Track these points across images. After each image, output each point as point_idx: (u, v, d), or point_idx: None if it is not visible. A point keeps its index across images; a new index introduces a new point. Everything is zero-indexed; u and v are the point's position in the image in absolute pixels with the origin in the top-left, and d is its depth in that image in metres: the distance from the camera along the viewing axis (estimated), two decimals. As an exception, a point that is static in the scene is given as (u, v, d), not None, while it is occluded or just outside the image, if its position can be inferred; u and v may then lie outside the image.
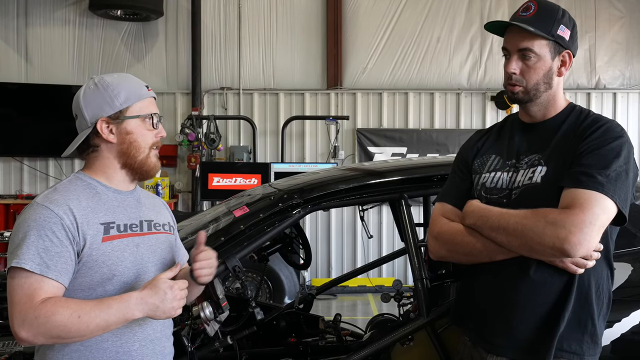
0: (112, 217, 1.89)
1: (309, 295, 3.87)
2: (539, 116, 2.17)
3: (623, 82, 9.51)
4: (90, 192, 1.90)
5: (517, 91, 2.12)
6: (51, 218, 1.77)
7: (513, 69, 2.10)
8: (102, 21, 9.37)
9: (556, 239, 1.89)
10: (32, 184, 9.35)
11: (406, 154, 9.22)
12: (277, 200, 2.79)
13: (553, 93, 2.14)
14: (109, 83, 1.93)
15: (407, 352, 2.62)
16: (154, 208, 2.08)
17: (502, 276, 2.08)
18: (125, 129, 1.92)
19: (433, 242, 2.24)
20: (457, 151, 2.42)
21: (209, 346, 2.53)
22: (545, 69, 2.10)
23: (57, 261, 1.75)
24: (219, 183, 8.49)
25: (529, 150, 2.14)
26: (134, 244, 1.91)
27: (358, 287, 8.91)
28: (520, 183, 2.09)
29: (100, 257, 1.82)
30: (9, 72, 9.34)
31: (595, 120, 2.08)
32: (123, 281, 1.86)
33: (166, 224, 2.08)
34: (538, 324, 2.02)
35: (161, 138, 2.01)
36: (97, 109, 1.91)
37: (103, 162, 1.95)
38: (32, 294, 1.71)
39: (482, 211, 2.09)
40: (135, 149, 1.93)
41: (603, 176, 1.93)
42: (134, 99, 1.93)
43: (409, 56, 9.44)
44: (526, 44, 2.08)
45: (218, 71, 9.49)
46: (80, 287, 1.82)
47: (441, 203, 2.29)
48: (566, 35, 2.10)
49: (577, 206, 1.90)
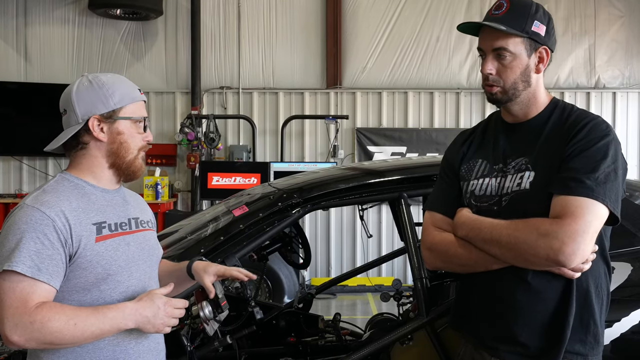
0: (103, 216, 1.89)
1: (309, 294, 3.86)
2: (521, 115, 2.13)
3: (623, 82, 9.50)
4: (79, 192, 1.89)
5: (494, 92, 2.08)
6: (43, 220, 1.76)
7: (489, 70, 2.06)
8: (102, 20, 9.36)
9: (550, 251, 1.87)
10: (31, 183, 9.34)
11: (406, 153, 9.22)
12: (277, 199, 2.79)
13: (533, 91, 2.10)
14: (104, 82, 1.92)
15: (406, 351, 2.61)
16: (138, 206, 2.10)
17: (500, 283, 2.05)
18: (116, 129, 1.92)
19: (427, 253, 2.22)
20: (443, 155, 2.38)
21: (209, 345, 2.53)
22: (522, 67, 2.06)
23: (48, 264, 1.73)
24: (219, 182, 8.48)
25: (514, 153, 2.10)
26: (125, 242, 1.92)
27: (357, 286, 8.91)
28: (510, 189, 2.05)
29: (95, 257, 1.82)
30: (8, 71, 9.34)
31: (579, 118, 2.04)
32: (117, 280, 1.87)
33: (149, 220, 2.11)
34: (542, 330, 2.00)
35: (147, 143, 2.01)
36: (90, 106, 1.89)
37: (90, 161, 1.94)
38: (26, 298, 1.69)
39: (473, 223, 2.06)
40: (124, 150, 1.94)
41: (592, 180, 1.90)
42: (128, 100, 1.94)
43: (408, 55, 9.44)
44: (500, 43, 2.04)
45: (217, 70, 9.48)
46: (75, 288, 1.82)
47: (430, 212, 2.25)
48: (541, 31, 2.06)
49: (568, 215, 1.88)
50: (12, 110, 9.11)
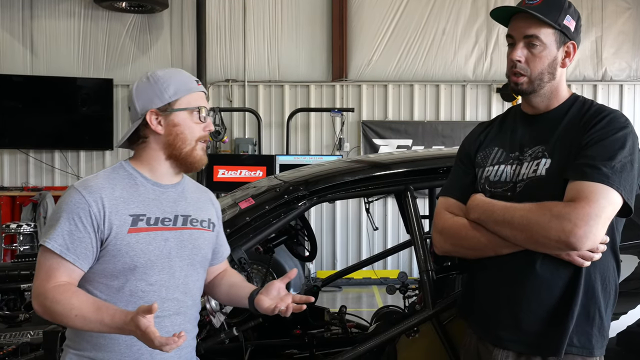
0: (144, 209, 1.93)
1: (314, 287, 3.87)
2: (542, 107, 2.14)
3: (630, 74, 9.46)
4: (129, 182, 1.95)
5: (521, 82, 2.09)
6: (80, 204, 1.85)
7: (518, 57, 2.07)
8: (107, 13, 9.37)
9: (562, 233, 1.87)
10: (37, 176, 9.38)
11: (411, 146, 9.22)
12: (283, 192, 2.79)
13: (556, 84, 2.12)
14: (160, 77, 1.99)
15: (412, 343, 2.61)
16: (197, 203, 2.10)
17: (508, 270, 2.06)
18: (172, 120, 1.96)
19: (437, 236, 2.23)
20: (451, 147, 2.38)
21: (215, 338, 2.53)
22: (550, 58, 2.07)
23: (77, 245, 1.83)
24: (224, 175, 8.49)
25: (532, 142, 2.11)
26: (162, 238, 1.93)
27: (363, 279, 8.93)
28: (525, 176, 2.07)
29: (124, 247, 1.87)
30: (15, 64, 9.36)
31: (599, 111, 2.06)
32: (145, 272, 1.89)
33: (206, 220, 2.09)
34: (546, 319, 2.00)
35: (209, 132, 2.03)
36: (147, 101, 1.96)
37: (150, 154, 1.99)
38: (50, 273, 1.83)
39: (486, 205, 2.08)
40: (181, 141, 1.97)
41: (608, 168, 1.91)
42: (183, 92, 1.98)
43: (414, 48, 9.42)
44: (533, 31, 2.05)
45: (223, 63, 9.48)
46: (103, 272, 1.88)
47: (445, 197, 2.26)
48: (572, 26, 2.08)
49: (582, 199, 1.89)
50: (19, 103, 9.15)
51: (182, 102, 1.97)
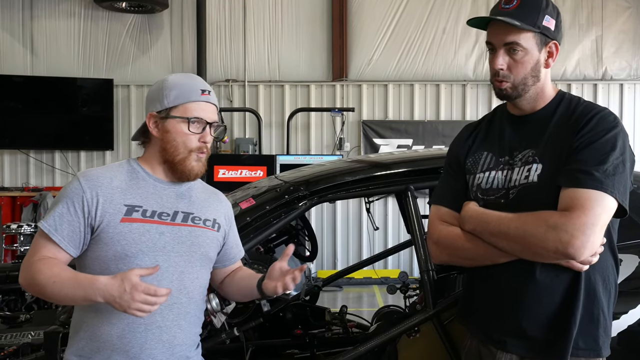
0: (141, 201, 1.96)
1: (315, 287, 3.86)
2: (528, 109, 2.11)
3: (630, 73, 9.46)
4: (131, 175, 2.00)
5: (504, 87, 2.05)
6: (76, 190, 1.92)
7: (500, 65, 2.02)
8: (107, 13, 9.37)
9: (559, 244, 1.85)
10: (38, 176, 9.38)
11: (412, 145, 9.21)
12: (283, 192, 2.79)
13: (541, 86, 2.08)
14: (169, 81, 2.01)
15: (413, 343, 2.61)
16: (203, 203, 2.10)
17: (507, 277, 2.04)
18: (166, 127, 1.99)
19: (434, 247, 2.20)
20: (448, 148, 2.35)
21: (216, 338, 2.53)
22: (532, 62, 2.03)
23: (65, 228, 1.90)
24: (225, 175, 8.49)
25: (521, 145, 2.08)
26: (157, 231, 1.94)
27: (364, 279, 8.93)
28: (517, 182, 2.04)
29: (115, 236, 1.90)
30: (15, 65, 9.36)
31: (587, 110, 2.02)
32: (136, 263, 1.89)
33: (210, 220, 2.09)
34: (550, 325, 1.98)
35: (204, 144, 2.01)
36: (150, 104, 2.02)
37: (151, 153, 2.05)
38: (37, 249, 1.92)
39: (480, 216, 2.05)
40: (173, 148, 1.99)
41: (600, 172, 1.88)
42: (182, 100, 1.98)
43: (414, 48, 9.42)
44: (512, 37, 1.99)
45: (223, 63, 9.48)
46: (96, 259, 1.93)
47: (436, 206, 2.23)
48: (551, 26, 2.03)
49: (577, 208, 1.86)
50: (19, 104, 9.14)
51: (179, 110, 1.97)
